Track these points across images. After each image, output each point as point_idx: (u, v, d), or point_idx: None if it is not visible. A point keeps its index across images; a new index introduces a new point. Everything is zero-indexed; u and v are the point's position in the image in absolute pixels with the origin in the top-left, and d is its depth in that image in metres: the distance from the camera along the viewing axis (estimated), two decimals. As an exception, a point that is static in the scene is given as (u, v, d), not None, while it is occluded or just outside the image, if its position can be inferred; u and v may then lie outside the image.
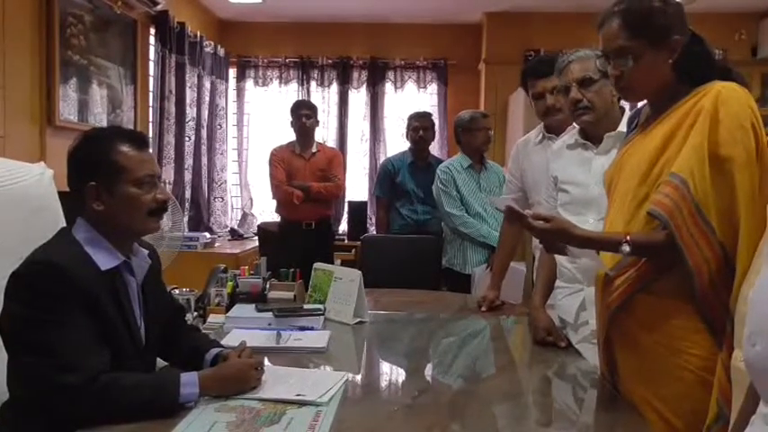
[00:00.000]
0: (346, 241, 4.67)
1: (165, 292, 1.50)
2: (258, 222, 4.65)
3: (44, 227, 1.38)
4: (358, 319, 1.90)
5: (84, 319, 1.16)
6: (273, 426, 1.11)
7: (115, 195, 1.23)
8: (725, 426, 1.02)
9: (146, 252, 1.35)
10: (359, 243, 3.71)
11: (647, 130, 1.28)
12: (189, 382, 1.19)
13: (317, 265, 2.09)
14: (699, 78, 1.23)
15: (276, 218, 3.91)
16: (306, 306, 1.95)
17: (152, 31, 3.99)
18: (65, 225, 1.42)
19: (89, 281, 1.17)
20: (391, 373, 1.63)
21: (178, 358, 1.42)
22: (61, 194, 1.47)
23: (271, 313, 1.82)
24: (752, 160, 1.14)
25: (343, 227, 4.98)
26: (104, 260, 1.22)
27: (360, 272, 1.95)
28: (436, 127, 3.87)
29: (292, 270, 2.24)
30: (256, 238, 4.39)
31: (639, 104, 1.45)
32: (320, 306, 1.92)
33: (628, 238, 1.18)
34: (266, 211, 4.95)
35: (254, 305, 1.93)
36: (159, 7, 3.81)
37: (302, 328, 1.77)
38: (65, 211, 1.45)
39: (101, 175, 1.22)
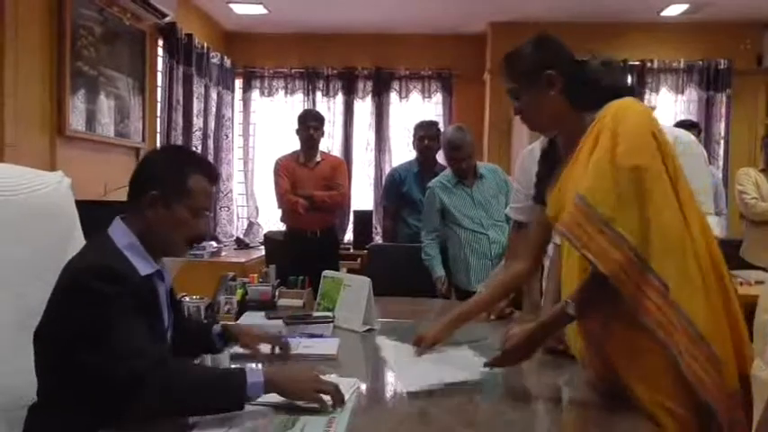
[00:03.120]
0: (351, 250, 4.69)
1: None
2: (264, 231, 4.67)
3: (61, 234, 1.41)
4: (367, 327, 1.91)
5: (140, 316, 1.18)
6: (287, 431, 1.11)
7: (169, 211, 1.27)
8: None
9: (163, 261, 1.38)
10: (365, 252, 3.72)
11: (571, 160, 1.33)
12: (253, 371, 1.19)
13: (327, 272, 2.10)
14: (592, 102, 1.31)
15: (281, 227, 3.93)
16: (315, 314, 1.96)
17: (160, 42, 4.04)
18: (80, 233, 1.45)
19: (136, 284, 1.21)
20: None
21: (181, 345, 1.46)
22: (78, 203, 1.49)
23: (281, 320, 1.83)
24: (659, 166, 1.20)
25: (349, 236, 4.99)
26: (143, 266, 1.25)
27: (369, 279, 1.95)
28: (442, 136, 3.88)
29: (301, 278, 2.25)
30: (262, 247, 4.41)
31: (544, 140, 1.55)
32: (329, 314, 1.93)
33: (567, 300, 1.26)
34: (271, 220, 4.98)
35: (263, 312, 1.95)
36: (167, 19, 3.86)
37: (312, 336, 1.78)
38: (94, 219, 1.47)
39: (167, 190, 1.26)
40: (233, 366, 1.39)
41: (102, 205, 2.72)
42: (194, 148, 4.37)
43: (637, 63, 4.88)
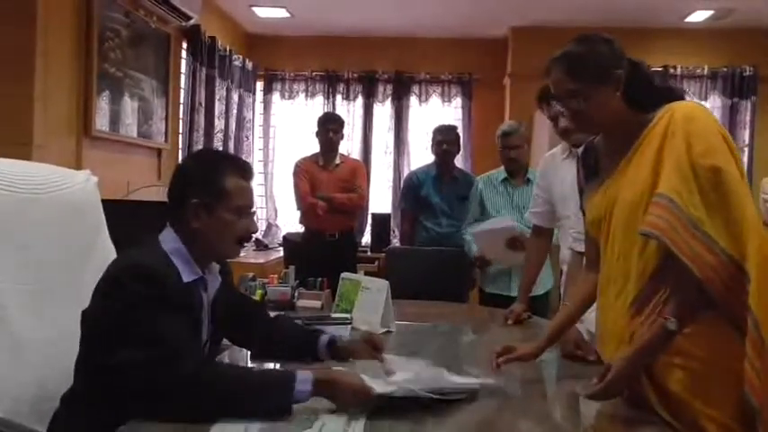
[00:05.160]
0: (369, 253, 4.70)
1: (235, 294, 1.54)
2: (282, 233, 4.70)
3: (88, 231, 1.44)
4: (385, 329, 1.92)
5: (180, 316, 1.20)
6: (306, 431, 1.12)
7: (213, 217, 1.28)
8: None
9: (217, 268, 1.39)
10: (382, 255, 3.73)
11: (625, 161, 1.31)
12: (303, 378, 1.16)
13: (345, 274, 2.12)
14: (648, 103, 1.30)
15: (300, 228, 3.96)
16: (333, 315, 1.98)
17: (184, 44, 4.10)
18: (106, 231, 1.48)
19: (178, 287, 1.23)
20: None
21: (284, 352, 1.47)
22: (101, 202, 1.53)
23: (300, 321, 1.85)
24: (733, 165, 1.19)
25: (366, 239, 5.01)
26: (186, 272, 1.26)
27: (387, 282, 1.97)
28: (461, 141, 3.87)
29: (320, 279, 2.27)
30: (281, 248, 4.44)
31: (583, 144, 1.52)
32: (347, 315, 1.95)
33: (666, 317, 1.19)
34: (290, 221, 5.01)
35: (283, 313, 1.97)
36: (192, 22, 3.91)
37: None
38: (117, 218, 1.51)
39: (206, 196, 1.27)
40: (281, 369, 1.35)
41: (124, 204, 2.77)
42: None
43: (660, 69, 4.83)
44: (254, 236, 1.57)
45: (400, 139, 5.22)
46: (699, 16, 4.53)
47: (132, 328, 1.14)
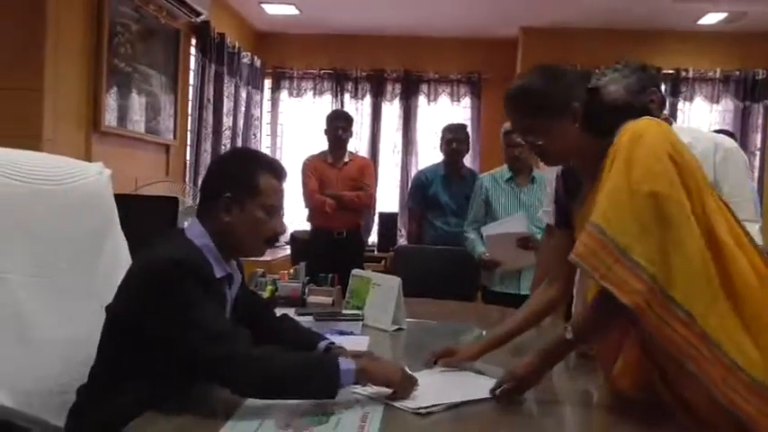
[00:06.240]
0: (376, 252, 4.68)
1: (247, 292, 1.55)
2: (290, 231, 4.69)
3: (100, 224, 1.43)
4: (396, 327, 1.90)
5: (221, 308, 1.25)
6: (321, 426, 1.11)
7: (244, 212, 1.29)
8: None
9: (234, 264, 1.40)
10: (390, 254, 3.71)
11: (594, 190, 1.29)
12: (345, 360, 1.21)
13: (356, 271, 2.11)
14: (607, 127, 1.27)
15: (308, 226, 3.94)
16: (344, 311, 1.97)
17: (193, 41, 4.10)
18: (119, 224, 1.47)
19: (214, 281, 1.26)
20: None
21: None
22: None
23: (311, 317, 1.84)
24: (679, 194, 1.14)
25: (373, 238, 4.99)
26: (217, 268, 1.28)
27: (399, 279, 1.95)
28: (470, 140, 3.85)
29: (331, 276, 2.26)
30: (287, 246, 4.43)
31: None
32: (359, 312, 1.93)
33: (566, 325, 1.22)
34: (297, 219, 4.99)
35: (293, 309, 1.96)
36: (201, 18, 3.91)
37: (341, 333, 1.78)
38: (126, 212, 1.50)
39: (239, 191, 1.29)
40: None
41: (134, 199, 2.76)
42: (223, 147, 4.42)
43: (671, 72, 4.81)
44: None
45: (408, 139, 5.21)
46: (711, 19, 4.51)
47: (182, 318, 1.16)
